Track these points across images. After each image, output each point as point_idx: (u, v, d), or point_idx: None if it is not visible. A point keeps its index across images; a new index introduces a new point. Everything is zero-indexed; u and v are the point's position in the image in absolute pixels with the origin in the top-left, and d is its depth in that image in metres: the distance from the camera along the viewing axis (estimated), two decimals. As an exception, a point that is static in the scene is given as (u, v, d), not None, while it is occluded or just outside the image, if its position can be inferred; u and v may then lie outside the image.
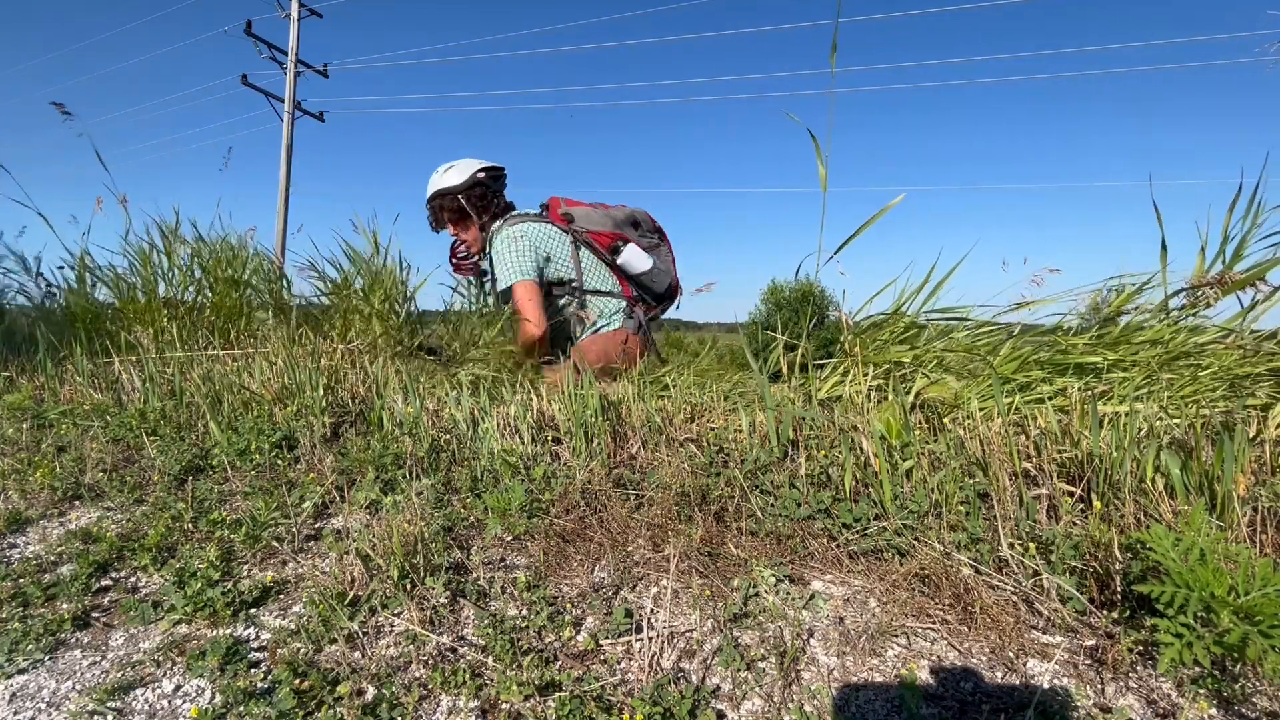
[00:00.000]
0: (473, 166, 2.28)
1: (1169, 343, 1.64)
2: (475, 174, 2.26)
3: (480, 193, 2.28)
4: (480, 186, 2.28)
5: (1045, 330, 1.89)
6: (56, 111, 2.92)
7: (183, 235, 2.61)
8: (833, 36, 1.62)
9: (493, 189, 2.32)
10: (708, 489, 1.14)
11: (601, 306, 2.33)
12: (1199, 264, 1.81)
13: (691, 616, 0.88)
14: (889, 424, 1.18)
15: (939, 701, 0.74)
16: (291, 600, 0.92)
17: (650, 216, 2.52)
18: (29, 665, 0.77)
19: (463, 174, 2.26)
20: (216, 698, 0.72)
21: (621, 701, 0.71)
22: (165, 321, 2.37)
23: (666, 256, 2.49)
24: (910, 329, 1.88)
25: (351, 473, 1.31)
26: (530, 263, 2.14)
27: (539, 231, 2.20)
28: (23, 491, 1.25)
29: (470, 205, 2.27)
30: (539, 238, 2.19)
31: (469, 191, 2.25)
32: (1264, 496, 0.96)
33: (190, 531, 1.09)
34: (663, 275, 2.41)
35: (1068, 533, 0.95)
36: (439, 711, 0.71)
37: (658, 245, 2.47)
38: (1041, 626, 0.86)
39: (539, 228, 2.21)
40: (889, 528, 1.02)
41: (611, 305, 2.34)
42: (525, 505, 1.11)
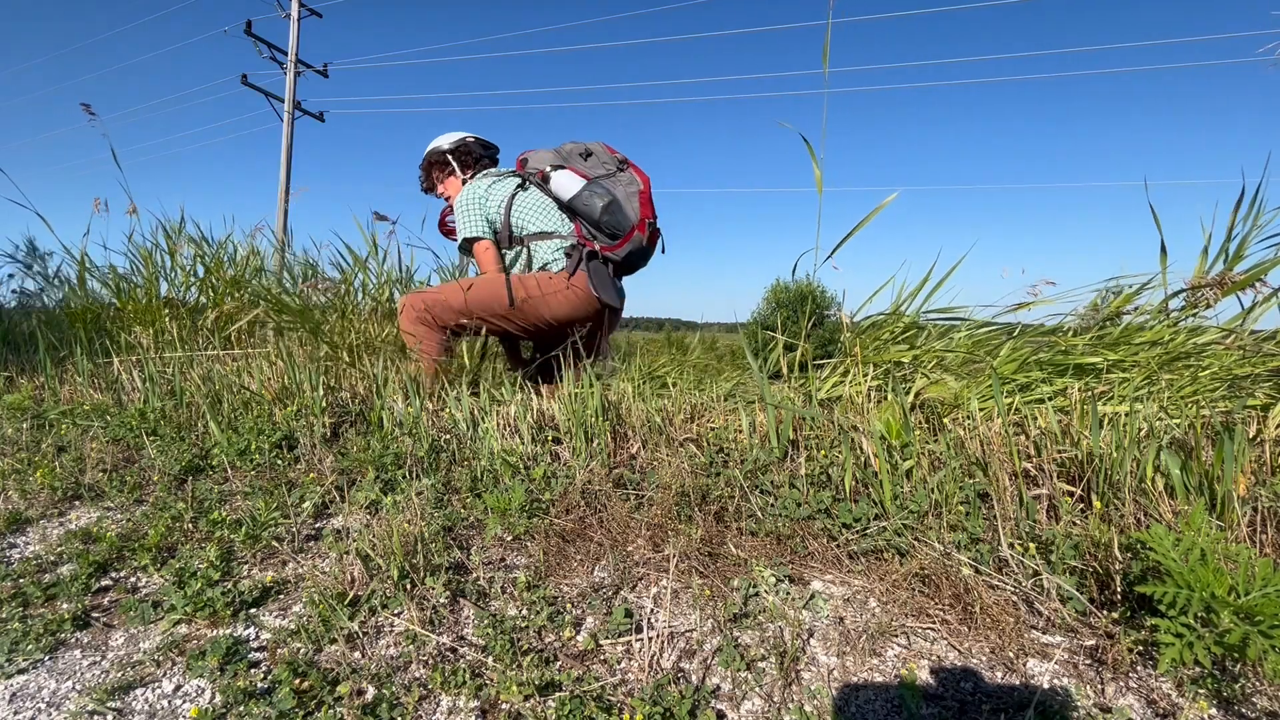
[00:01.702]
0: (465, 134, 2.39)
1: (1169, 343, 1.64)
2: (464, 138, 2.37)
3: (465, 150, 2.36)
4: (466, 146, 2.36)
5: (1045, 331, 1.89)
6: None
7: (188, 234, 2.61)
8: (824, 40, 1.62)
9: (477, 153, 2.38)
10: (708, 489, 1.14)
11: (543, 251, 2.17)
12: (1199, 265, 1.81)
13: (691, 616, 0.88)
14: (889, 424, 1.18)
15: (939, 701, 0.73)
16: (291, 600, 0.92)
17: (609, 147, 2.30)
18: (29, 665, 0.77)
19: (451, 138, 2.37)
20: (216, 698, 0.72)
21: (621, 701, 0.71)
22: (166, 321, 2.37)
23: (624, 186, 2.18)
24: (910, 329, 1.88)
25: (351, 473, 1.31)
26: (480, 217, 2.15)
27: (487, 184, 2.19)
28: (23, 491, 1.25)
29: (456, 160, 2.35)
30: (482, 191, 2.17)
31: (455, 150, 2.35)
32: (1264, 496, 0.96)
33: (190, 531, 1.09)
34: (596, 199, 2.09)
35: (1068, 533, 0.95)
36: (439, 711, 0.71)
37: (612, 175, 2.21)
38: (1041, 626, 0.86)
39: (486, 181, 2.20)
40: (889, 528, 1.02)
41: (551, 246, 2.15)
42: (525, 505, 1.11)
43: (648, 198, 2.18)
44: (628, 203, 2.14)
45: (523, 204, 2.17)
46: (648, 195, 2.17)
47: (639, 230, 2.15)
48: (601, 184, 2.12)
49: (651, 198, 2.22)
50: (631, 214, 2.13)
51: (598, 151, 2.25)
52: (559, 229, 2.14)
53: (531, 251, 2.18)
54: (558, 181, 2.14)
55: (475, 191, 2.16)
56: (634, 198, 2.16)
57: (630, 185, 2.17)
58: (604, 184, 2.12)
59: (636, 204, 2.17)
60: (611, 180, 2.16)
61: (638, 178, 2.19)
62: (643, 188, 2.18)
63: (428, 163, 2.39)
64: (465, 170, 2.36)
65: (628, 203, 2.14)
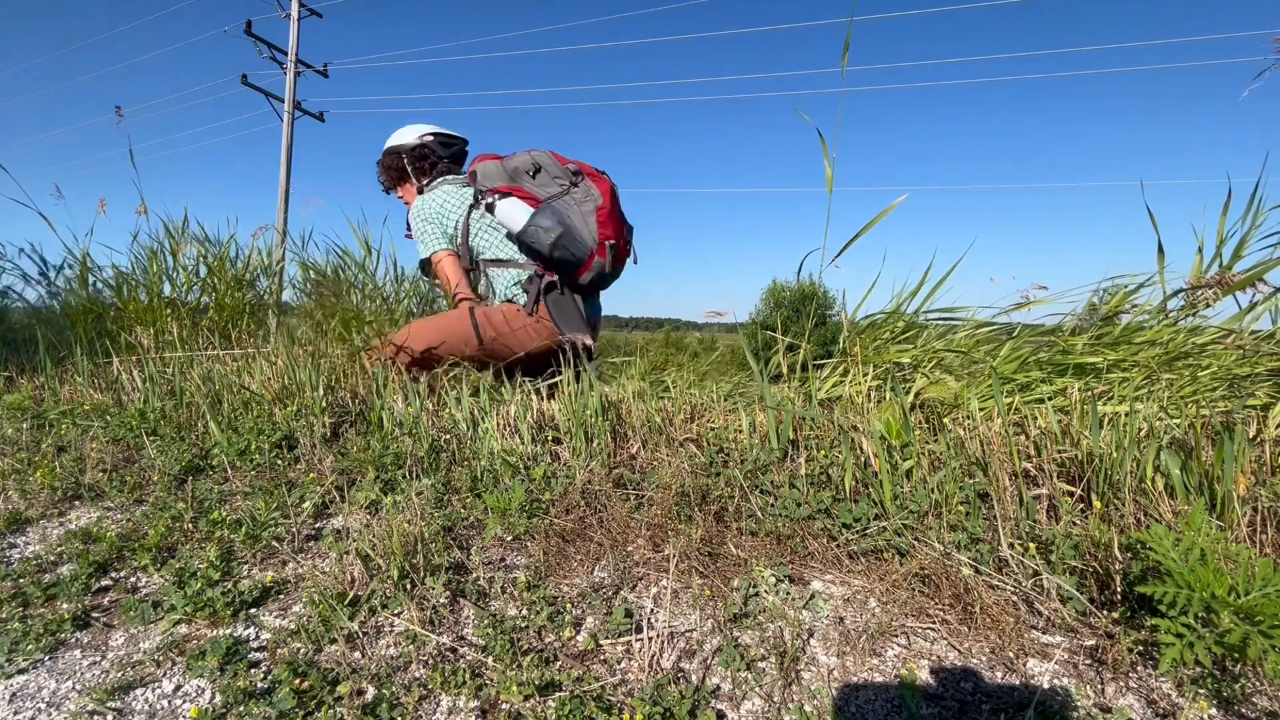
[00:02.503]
0: (425, 130, 2.18)
1: (1168, 343, 1.64)
2: (423, 136, 2.16)
3: (422, 154, 2.15)
4: (425, 149, 2.15)
5: (1045, 330, 1.89)
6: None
7: (191, 234, 2.61)
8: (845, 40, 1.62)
9: (438, 154, 2.17)
10: (708, 489, 1.14)
11: (502, 281, 2.02)
12: (1197, 264, 1.81)
13: (691, 616, 0.88)
14: (889, 424, 1.18)
15: (939, 701, 0.74)
16: (291, 600, 0.92)
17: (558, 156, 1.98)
18: (29, 665, 0.77)
19: (412, 135, 2.16)
20: (216, 698, 0.72)
21: (621, 701, 0.71)
22: (166, 321, 2.37)
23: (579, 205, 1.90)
24: (909, 329, 1.88)
25: (351, 473, 1.31)
26: (439, 233, 2.02)
27: (444, 198, 2.05)
28: (23, 491, 1.25)
29: (411, 165, 2.15)
30: (439, 205, 2.04)
31: (412, 152, 2.15)
32: (1264, 496, 0.96)
33: (190, 531, 1.09)
34: (544, 235, 1.83)
35: (1068, 533, 0.95)
36: (439, 711, 0.71)
37: (565, 192, 1.90)
38: (1041, 626, 0.86)
39: (445, 192, 2.06)
40: (889, 528, 1.02)
41: (509, 278, 2.00)
42: (525, 505, 1.11)
43: (608, 214, 1.90)
44: (584, 226, 1.88)
45: (480, 225, 2.02)
46: (608, 211, 1.90)
47: (598, 255, 1.91)
48: (553, 208, 1.86)
49: (615, 211, 1.95)
50: (589, 238, 1.88)
51: (547, 165, 1.95)
52: (515, 257, 1.99)
53: (491, 279, 2.04)
54: (504, 213, 1.90)
55: (430, 206, 2.03)
56: (591, 217, 1.89)
57: (586, 202, 1.90)
58: (556, 207, 1.87)
59: (594, 224, 1.89)
60: (564, 201, 1.89)
61: (595, 190, 1.91)
62: (601, 202, 1.89)
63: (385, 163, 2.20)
64: (422, 178, 2.16)
65: (584, 226, 1.88)
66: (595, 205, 1.90)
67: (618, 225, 1.96)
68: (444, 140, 2.18)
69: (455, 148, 2.21)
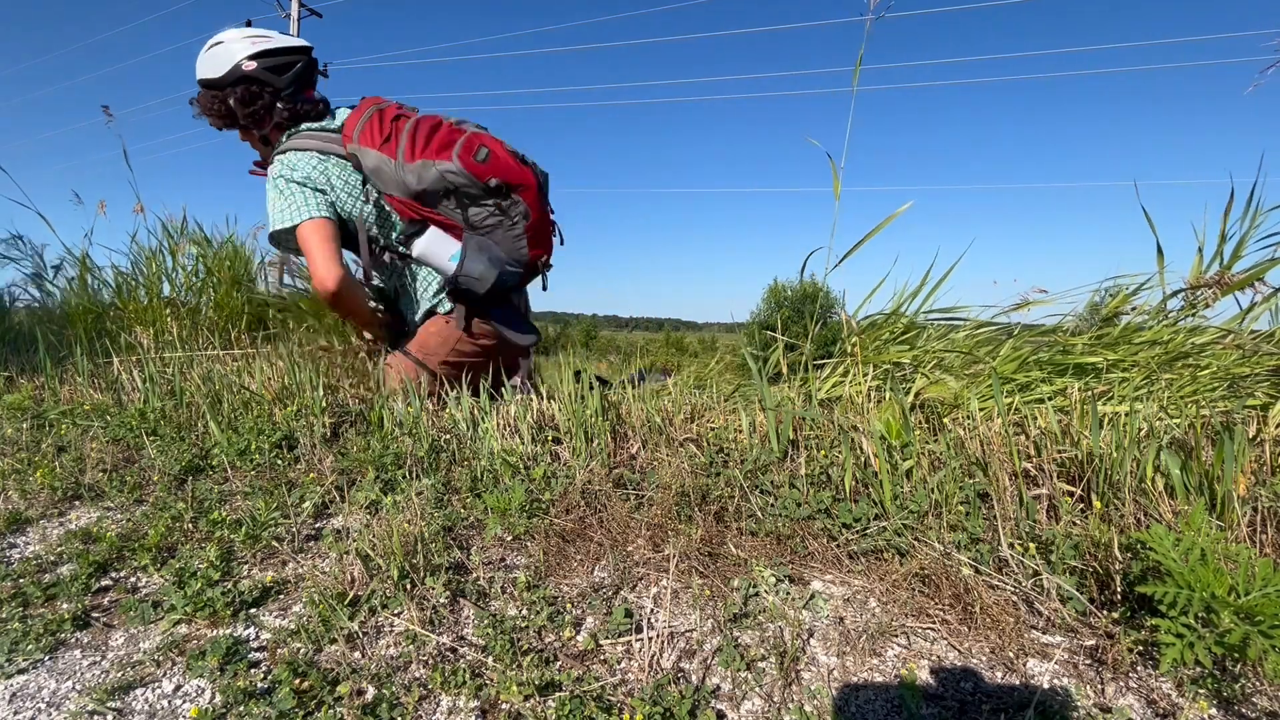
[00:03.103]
0: (242, 49, 1.55)
1: (1168, 343, 1.64)
2: (239, 63, 1.55)
3: (249, 93, 1.57)
4: (251, 83, 1.56)
5: (1045, 331, 1.89)
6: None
7: (190, 234, 2.61)
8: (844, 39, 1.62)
9: (272, 88, 1.58)
10: (708, 489, 1.14)
11: (422, 281, 1.73)
12: (1196, 265, 1.81)
13: (691, 616, 0.88)
14: (889, 424, 1.18)
15: (939, 701, 0.74)
16: (291, 600, 0.92)
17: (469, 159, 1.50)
18: (29, 665, 0.77)
19: (228, 60, 1.55)
20: (216, 698, 0.72)
21: (621, 701, 0.71)
22: (166, 321, 2.37)
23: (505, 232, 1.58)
24: (909, 329, 1.88)
25: (351, 473, 1.31)
26: (312, 195, 1.54)
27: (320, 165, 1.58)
28: (23, 491, 1.25)
29: (240, 110, 1.59)
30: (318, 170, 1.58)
31: (233, 90, 1.57)
32: (1264, 496, 0.96)
33: (190, 531, 1.09)
34: (478, 285, 1.53)
35: (1068, 533, 0.95)
36: (439, 711, 0.71)
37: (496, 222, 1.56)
38: (1041, 626, 0.86)
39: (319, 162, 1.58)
40: (889, 528, 1.02)
41: (428, 277, 1.72)
42: (525, 505, 1.11)
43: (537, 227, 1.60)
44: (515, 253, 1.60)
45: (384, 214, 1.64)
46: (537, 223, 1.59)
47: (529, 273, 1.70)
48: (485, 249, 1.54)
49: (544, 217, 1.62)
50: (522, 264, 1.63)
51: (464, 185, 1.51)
52: None
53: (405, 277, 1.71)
54: (424, 251, 1.57)
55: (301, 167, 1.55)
56: (521, 240, 1.59)
57: (513, 227, 1.57)
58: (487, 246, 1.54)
59: (524, 247, 1.60)
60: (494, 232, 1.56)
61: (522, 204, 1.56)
62: (532, 218, 1.57)
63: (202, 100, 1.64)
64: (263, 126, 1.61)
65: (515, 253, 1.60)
66: (525, 224, 1.59)
67: (547, 231, 1.69)
68: (272, 64, 1.57)
69: (295, 67, 1.61)
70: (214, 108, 1.62)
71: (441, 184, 1.50)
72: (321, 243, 1.53)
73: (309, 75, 1.67)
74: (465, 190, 1.52)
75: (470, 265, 1.53)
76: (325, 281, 1.54)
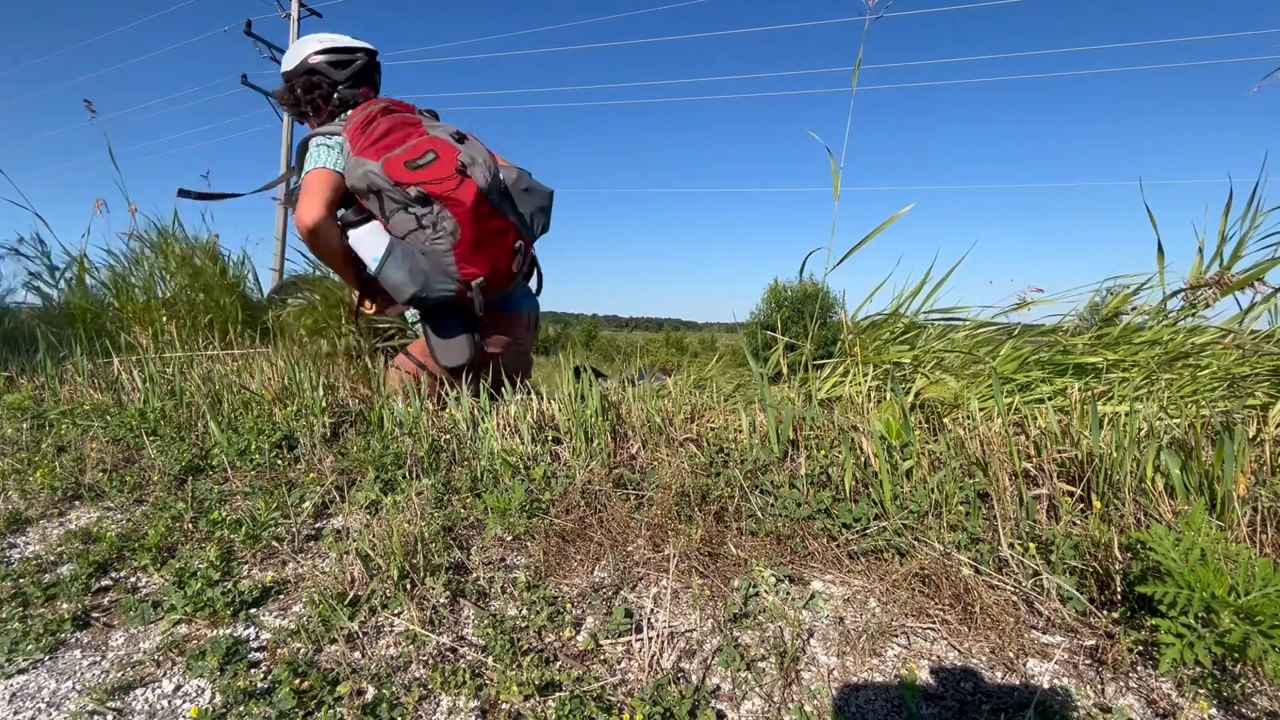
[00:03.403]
0: (310, 48, 1.71)
1: (1168, 343, 1.64)
2: (307, 58, 1.70)
3: (311, 84, 1.70)
4: (313, 74, 1.70)
5: (1045, 331, 1.89)
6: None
7: (181, 235, 2.60)
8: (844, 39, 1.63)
9: (330, 80, 1.70)
10: (708, 489, 1.14)
11: None
12: (1197, 264, 1.81)
13: (691, 616, 0.88)
14: (889, 424, 1.18)
15: (939, 701, 0.74)
16: (291, 600, 0.92)
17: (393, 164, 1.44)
18: (29, 665, 0.77)
19: (297, 57, 1.72)
20: (216, 698, 0.72)
21: (621, 701, 0.71)
22: (165, 321, 2.36)
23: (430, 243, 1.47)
24: (910, 329, 1.88)
25: (351, 473, 1.31)
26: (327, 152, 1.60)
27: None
28: (23, 491, 1.25)
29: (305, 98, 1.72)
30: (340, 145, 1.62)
31: (303, 81, 1.71)
32: (1264, 496, 0.96)
33: (190, 531, 1.09)
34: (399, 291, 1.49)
35: (1068, 533, 0.95)
36: (439, 711, 0.71)
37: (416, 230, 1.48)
38: (1041, 626, 0.86)
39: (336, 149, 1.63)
40: (889, 528, 1.02)
41: None
42: (525, 505, 1.11)
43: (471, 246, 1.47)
44: (439, 270, 1.49)
45: None
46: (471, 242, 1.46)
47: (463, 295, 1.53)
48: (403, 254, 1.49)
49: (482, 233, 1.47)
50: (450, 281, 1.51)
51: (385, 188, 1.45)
52: None
53: None
54: (358, 242, 1.54)
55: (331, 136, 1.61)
56: (448, 256, 1.47)
57: (439, 238, 1.46)
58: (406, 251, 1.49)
59: (452, 262, 1.48)
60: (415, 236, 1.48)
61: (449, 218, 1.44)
62: (461, 236, 1.45)
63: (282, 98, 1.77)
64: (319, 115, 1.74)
65: (439, 270, 1.49)
66: (452, 242, 1.46)
67: (493, 252, 1.52)
68: (336, 59, 1.69)
69: (354, 64, 1.71)
70: (285, 96, 1.76)
71: (365, 182, 1.48)
72: (314, 186, 1.57)
73: (368, 73, 1.77)
74: (387, 194, 1.47)
75: (389, 272, 1.49)
76: (302, 219, 1.56)
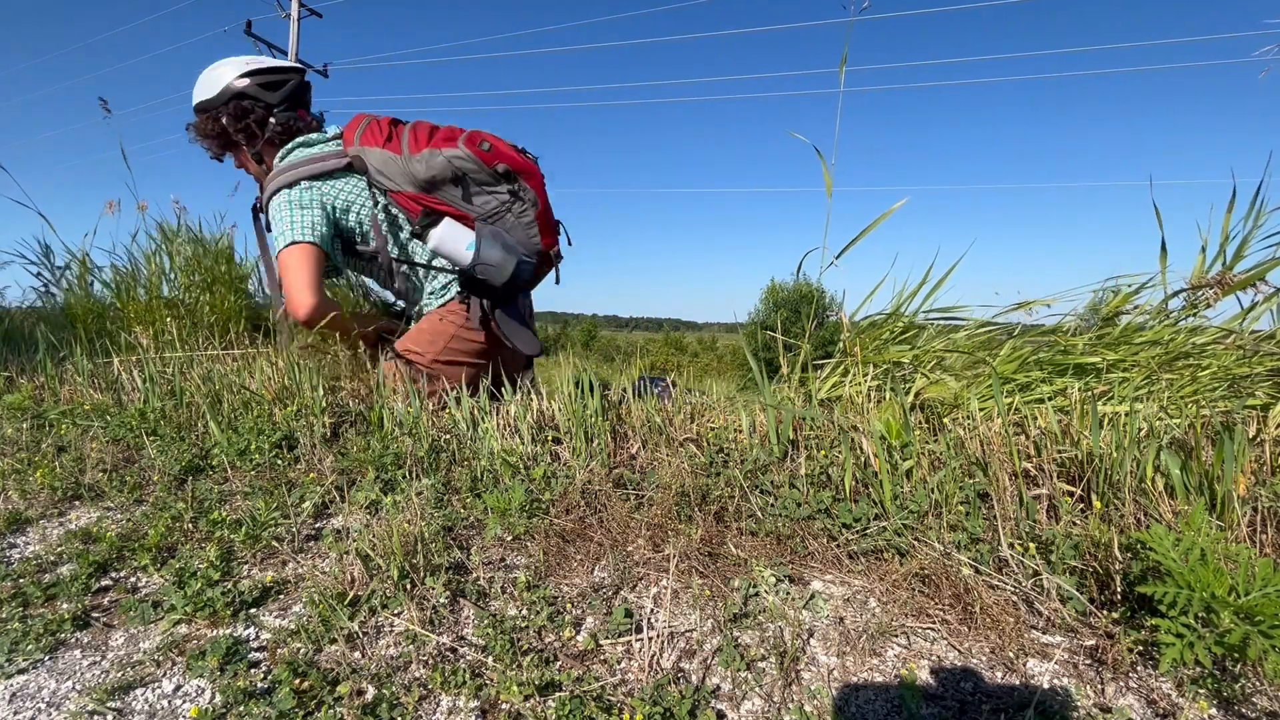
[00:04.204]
0: (231, 73, 1.60)
1: (1169, 343, 1.64)
2: (230, 84, 1.59)
3: (241, 110, 1.60)
4: (242, 99, 1.59)
5: (1045, 331, 1.89)
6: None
7: (185, 235, 2.60)
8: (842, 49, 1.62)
9: (264, 103, 1.61)
10: (708, 489, 1.14)
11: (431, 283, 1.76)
12: (1198, 264, 1.81)
13: (691, 616, 0.88)
14: (889, 424, 1.18)
15: (939, 701, 0.74)
16: (291, 600, 0.92)
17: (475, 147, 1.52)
18: (29, 665, 0.77)
19: (218, 82, 1.60)
20: (216, 698, 0.72)
21: (621, 701, 0.71)
22: (165, 321, 2.36)
23: (517, 219, 1.58)
24: (909, 329, 1.88)
25: (351, 473, 1.31)
26: (310, 219, 1.54)
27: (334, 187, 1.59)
28: (23, 491, 1.25)
29: (233, 129, 1.62)
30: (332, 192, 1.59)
31: (230, 110, 1.60)
32: (1264, 496, 0.96)
33: (190, 531, 1.09)
34: (496, 272, 1.51)
35: (1068, 533, 0.95)
36: (439, 711, 0.71)
37: (505, 209, 1.57)
38: (1041, 626, 0.86)
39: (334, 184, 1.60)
40: (889, 528, 1.02)
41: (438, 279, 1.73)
42: (525, 505, 1.11)
43: (545, 215, 1.60)
44: (528, 242, 1.59)
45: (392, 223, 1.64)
46: (544, 210, 1.60)
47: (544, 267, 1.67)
48: (498, 236, 1.53)
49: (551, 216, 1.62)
50: (534, 254, 1.60)
51: (472, 171, 1.52)
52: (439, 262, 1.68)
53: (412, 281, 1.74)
54: (441, 242, 1.55)
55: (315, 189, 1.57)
56: (533, 228, 1.58)
57: (523, 213, 1.57)
58: (500, 233, 1.54)
59: (536, 234, 1.59)
60: (504, 219, 1.57)
61: (530, 190, 1.57)
62: (540, 206, 1.59)
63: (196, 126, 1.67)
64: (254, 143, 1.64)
65: (528, 242, 1.59)
66: (534, 212, 1.59)
67: (553, 222, 1.67)
68: (265, 81, 1.60)
69: (288, 85, 1.64)
70: (207, 129, 1.65)
71: (449, 170, 1.51)
72: (295, 268, 1.53)
73: (301, 95, 1.70)
74: (473, 176, 1.53)
75: (487, 252, 1.50)
76: (296, 311, 1.56)
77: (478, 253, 1.51)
